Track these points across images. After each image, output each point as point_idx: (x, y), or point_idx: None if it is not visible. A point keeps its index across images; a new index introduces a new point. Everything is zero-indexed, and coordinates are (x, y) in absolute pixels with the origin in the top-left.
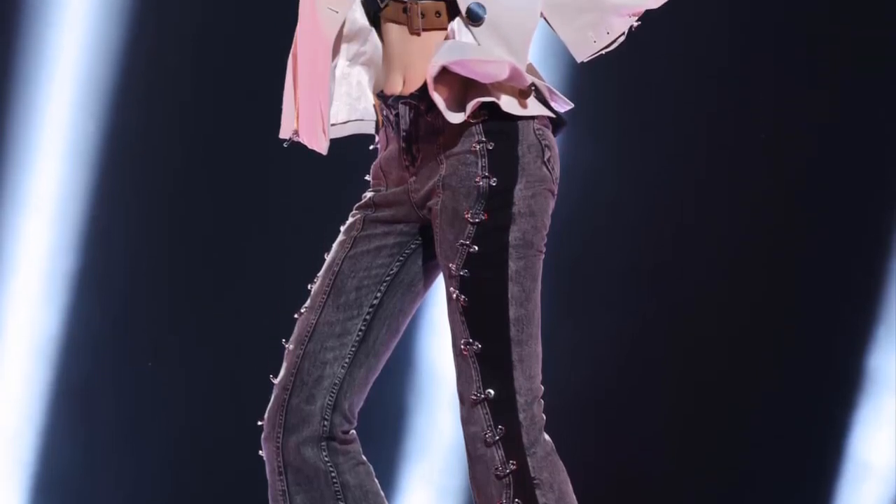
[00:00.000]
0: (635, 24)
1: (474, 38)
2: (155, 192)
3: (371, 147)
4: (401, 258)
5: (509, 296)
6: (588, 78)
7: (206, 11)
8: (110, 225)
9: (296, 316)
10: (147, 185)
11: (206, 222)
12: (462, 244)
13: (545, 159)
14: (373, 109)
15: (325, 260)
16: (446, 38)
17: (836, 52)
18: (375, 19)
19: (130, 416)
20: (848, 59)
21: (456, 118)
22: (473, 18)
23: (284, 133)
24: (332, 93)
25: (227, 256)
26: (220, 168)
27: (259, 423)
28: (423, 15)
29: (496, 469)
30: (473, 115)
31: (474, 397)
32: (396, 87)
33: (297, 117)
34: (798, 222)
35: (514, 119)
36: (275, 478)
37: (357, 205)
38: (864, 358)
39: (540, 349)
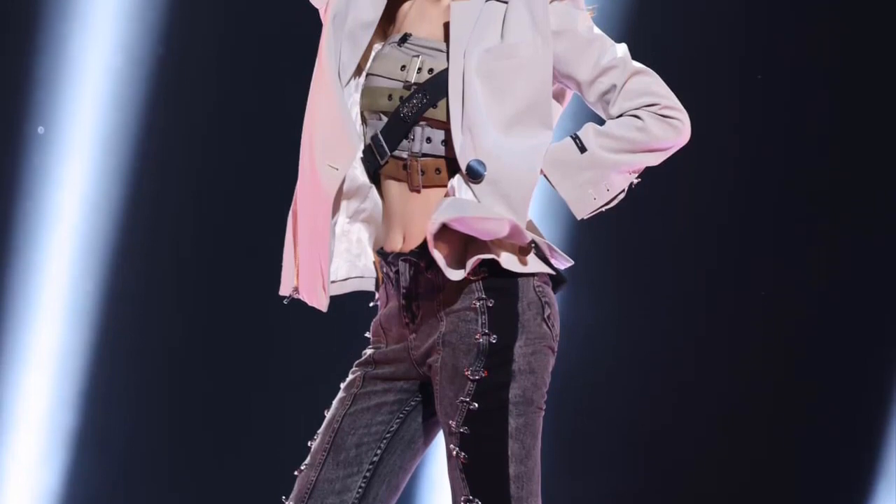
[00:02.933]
0: (635, 180)
1: (474, 195)
2: (154, 349)
3: (371, 304)
4: (401, 415)
5: (509, 453)
6: (588, 235)
7: (204, 169)
8: (110, 383)
9: (296, 473)
10: (146, 343)
11: (206, 380)
12: (462, 401)
13: (545, 316)
14: (373, 266)
15: (324, 416)
16: (446, 194)
17: (835, 213)
18: (375, 176)
19: None
20: (847, 219)
21: (456, 275)
22: (473, 175)
23: (284, 290)
24: (332, 250)
25: (226, 414)
26: (219, 326)
27: None
28: (423, 172)
29: None
30: (473, 272)
31: None
32: (396, 245)
33: (298, 274)
34: (798, 378)
35: (514, 276)
36: None
37: (357, 362)
38: None
39: None
